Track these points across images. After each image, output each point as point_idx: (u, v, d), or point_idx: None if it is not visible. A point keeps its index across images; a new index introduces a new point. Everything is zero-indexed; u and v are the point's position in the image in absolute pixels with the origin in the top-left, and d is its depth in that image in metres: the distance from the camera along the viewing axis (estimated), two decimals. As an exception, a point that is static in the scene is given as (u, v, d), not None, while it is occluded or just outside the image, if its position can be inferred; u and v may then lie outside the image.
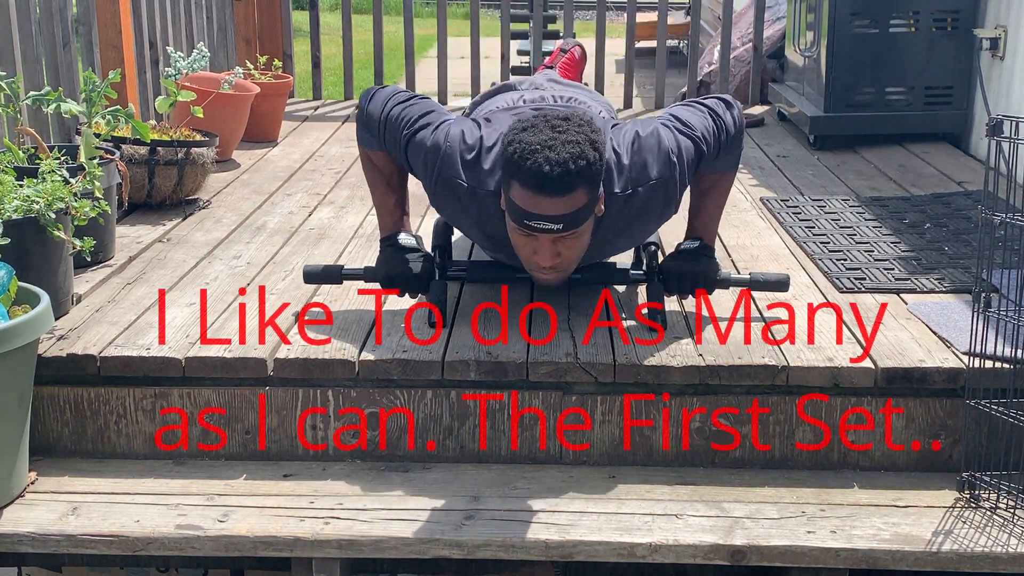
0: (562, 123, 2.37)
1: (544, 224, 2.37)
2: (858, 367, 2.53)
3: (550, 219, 2.36)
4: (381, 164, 2.78)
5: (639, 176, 2.56)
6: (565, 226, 2.37)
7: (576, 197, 2.34)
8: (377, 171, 2.81)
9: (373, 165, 2.80)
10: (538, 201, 2.34)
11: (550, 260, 2.46)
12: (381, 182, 2.81)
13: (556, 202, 2.33)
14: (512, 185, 2.37)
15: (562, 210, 2.35)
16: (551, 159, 2.30)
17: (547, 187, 2.31)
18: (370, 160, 2.80)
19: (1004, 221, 2.35)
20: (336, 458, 2.59)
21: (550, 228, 2.37)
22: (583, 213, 2.38)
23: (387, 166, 2.78)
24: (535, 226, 2.38)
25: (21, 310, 2.40)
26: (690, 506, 2.40)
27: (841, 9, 4.64)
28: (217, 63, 5.30)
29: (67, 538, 2.31)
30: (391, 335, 2.69)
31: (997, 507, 2.40)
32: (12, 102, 3.07)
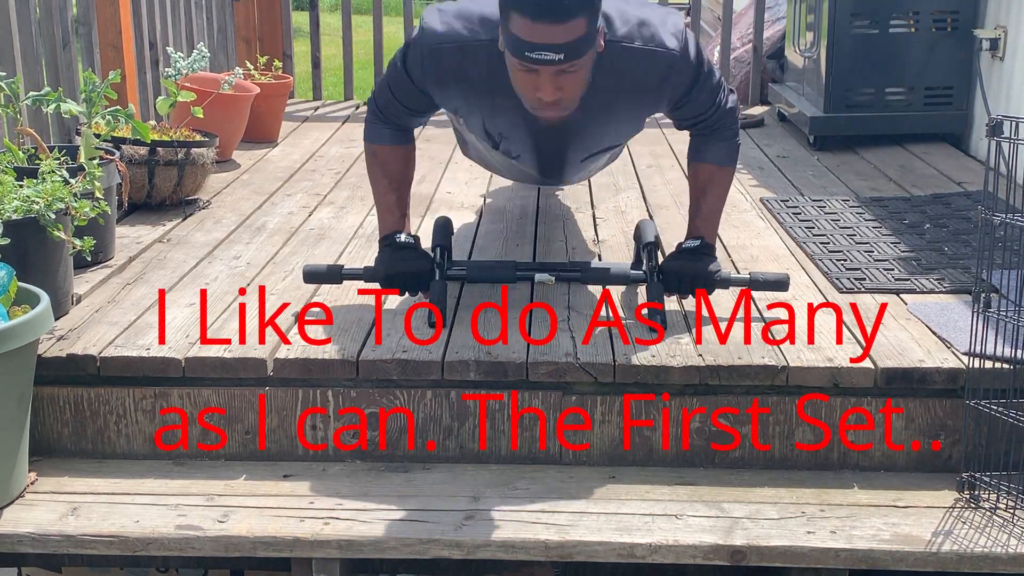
0: None
1: (546, 55, 2.34)
2: (858, 367, 2.53)
3: (551, 48, 2.33)
4: (386, 161, 2.79)
5: (645, 35, 2.54)
6: (566, 55, 2.35)
7: (576, 25, 2.32)
8: (381, 169, 2.81)
9: (378, 162, 2.81)
10: (538, 29, 2.31)
11: (552, 94, 2.43)
12: (384, 179, 2.82)
13: (556, 29, 2.31)
14: (511, 17, 2.35)
15: (563, 38, 2.32)
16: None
17: (547, 12, 2.29)
18: (376, 157, 2.81)
19: (1004, 222, 2.35)
20: (336, 458, 2.59)
21: (551, 59, 2.35)
22: (583, 43, 2.36)
23: (392, 162, 2.79)
24: (536, 57, 2.35)
25: (21, 310, 2.40)
26: (690, 506, 2.40)
27: (841, 9, 4.64)
28: (217, 63, 5.30)
29: (67, 538, 2.31)
30: (391, 335, 2.69)
31: (997, 507, 2.40)
32: (12, 102, 3.07)
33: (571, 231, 3.60)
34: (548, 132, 2.73)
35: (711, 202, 2.81)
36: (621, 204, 3.91)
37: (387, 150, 2.78)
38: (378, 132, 2.80)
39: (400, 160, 2.82)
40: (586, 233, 3.58)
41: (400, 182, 2.82)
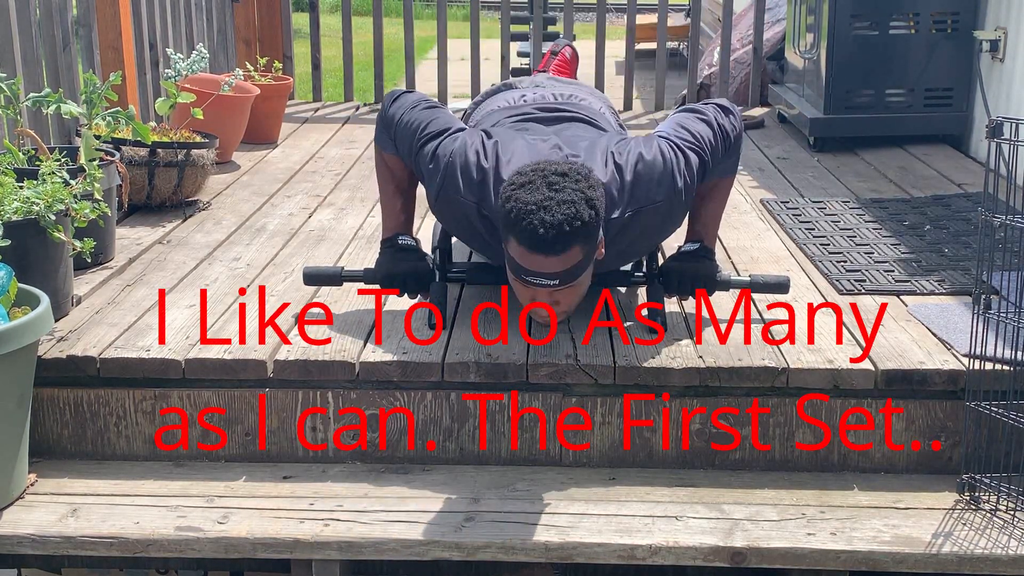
0: (559, 180, 2.36)
1: (541, 280, 2.39)
2: (858, 369, 2.53)
3: (546, 276, 2.38)
4: (394, 167, 2.79)
5: (643, 198, 2.56)
6: (562, 281, 2.40)
7: (571, 255, 2.36)
8: (389, 172, 2.81)
9: (386, 166, 2.81)
10: (534, 259, 2.36)
11: (548, 308, 2.48)
12: (391, 184, 2.82)
13: (552, 260, 2.35)
14: (509, 240, 2.39)
15: (558, 267, 2.37)
16: (546, 221, 2.30)
17: (542, 247, 2.33)
18: (384, 161, 2.81)
19: (1004, 223, 2.35)
20: (336, 459, 2.59)
21: (547, 284, 2.40)
22: (579, 267, 2.40)
23: (399, 169, 2.79)
24: (532, 281, 2.40)
25: (21, 312, 2.40)
26: (690, 508, 2.40)
27: (841, 11, 4.64)
28: (217, 65, 5.30)
29: (67, 540, 2.31)
30: (391, 336, 2.69)
31: (997, 509, 2.39)
32: (12, 104, 3.07)
33: (571, 232, 3.59)
34: None
35: (712, 208, 2.81)
36: (621, 205, 3.91)
37: (394, 158, 2.78)
38: (386, 141, 2.80)
39: (407, 168, 2.82)
40: (586, 234, 3.58)
41: (406, 187, 2.82)
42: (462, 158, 2.58)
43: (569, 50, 4.04)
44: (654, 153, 2.60)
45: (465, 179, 2.57)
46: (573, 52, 4.06)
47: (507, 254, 2.43)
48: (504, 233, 2.41)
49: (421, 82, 6.22)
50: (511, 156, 2.58)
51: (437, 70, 5.93)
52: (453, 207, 2.60)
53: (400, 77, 6.87)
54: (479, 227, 2.60)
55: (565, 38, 4.95)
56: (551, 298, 2.46)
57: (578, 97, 3.00)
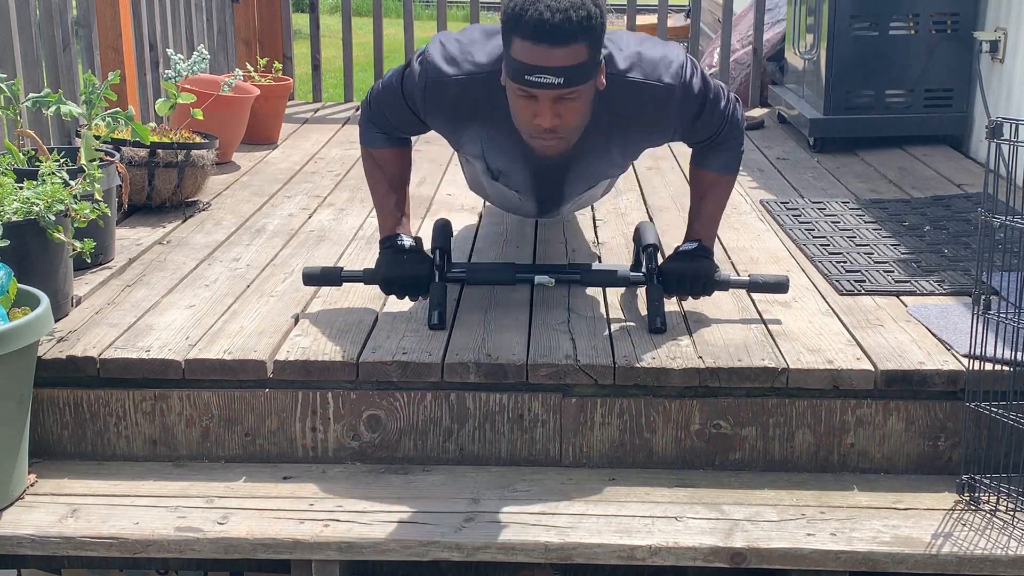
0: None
1: (546, 78, 2.35)
2: (858, 369, 2.53)
3: (552, 71, 2.34)
4: (384, 162, 2.79)
5: (645, 70, 2.55)
6: (566, 80, 2.35)
7: (577, 50, 2.33)
8: (379, 171, 2.81)
9: (376, 165, 2.81)
10: (540, 52, 2.32)
11: (551, 121, 2.43)
12: (383, 182, 2.82)
13: (557, 52, 2.32)
14: (513, 41, 2.36)
15: (563, 61, 2.33)
16: (551, 6, 2.30)
17: (548, 35, 2.30)
18: (373, 159, 2.81)
19: (1004, 224, 2.35)
20: (336, 460, 2.59)
21: (551, 82, 2.35)
22: (584, 69, 2.37)
23: (390, 165, 2.79)
24: (537, 80, 2.36)
25: (21, 312, 2.40)
26: (690, 508, 2.40)
27: (841, 12, 4.64)
28: (217, 65, 5.30)
29: (66, 540, 2.31)
30: (391, 337, 2.69)
31: (997, 509, 2.39)
32: (12, 104, 3.07)
33: (571, 233, 3.60)
34: (547, 167, 2.73)
35: (711, 207, 2.81)
36: (621, 206, 3.91)
37: (382, 153, 2.78)
38: (372, 136, 2.80)
39: (397, 161, 2.81)
40: (586, 235, 3.58)
41: (398, 183, 2.82)
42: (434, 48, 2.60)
43: None
44: (669, 47, 2.61)
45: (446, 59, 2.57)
46: None
47: (510, 63, 2.39)
48: (506, 37, 2.38)
49: (421, 83, 6.21)
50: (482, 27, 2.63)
51: (437, 71, 5.92)
52: (445, 96, 2.58)
53: (400, 78, 6.85)
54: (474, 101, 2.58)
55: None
56: (554, 109, 2.41)
57: None
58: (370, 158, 2.82)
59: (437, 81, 2.57)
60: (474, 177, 3.16)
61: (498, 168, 2.77)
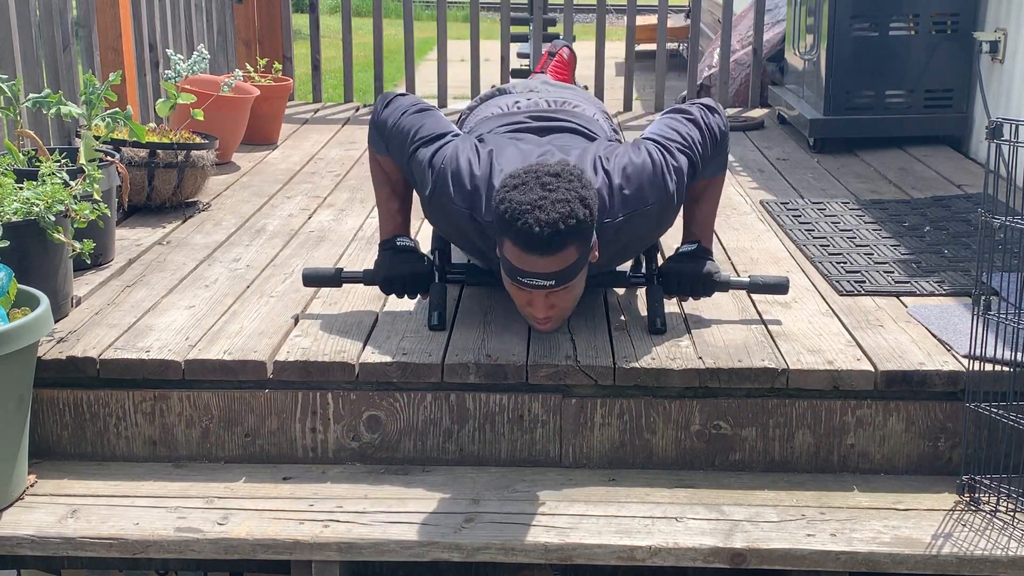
0: (552, 180, 2.36)
1: (536, 281, 2.39)
2: (858, 370, 2.53)
3: (542, 276, 2.38)
4: (388, 168, 2.79)
5: (634, 202, 2.56)
6: (557, 282, 2.40)
7: (567, 254, 2.36)
8: (384, 174, 2.81)
9: (380, 168, 2.81)
10: (529, 260, 2.36)
11: (544, 312, 2.48)
12: (386, 186, 2.82)
13: (547, 260, 2.35)
14: (504, 242, 2.39)
15: (554, 268, 2.37)
16: (541, 220, 2.30)
17: (537, 247, 2.33)
18: (378, 163, 2.81)
19: (1004, 224, 2.35)
20: (336, 461, 2.59)
21: (542, 284, 2.40)
22: (575, 267, 2.40)
23: (394, 171, 2.79)
24: (528, 283, 2.40)
25: (21, 313, 2.40)
26: (690, 509, 2.40)
27: (841, 12, 4.64)
28: (217, 66, 5.30)
29: (66, 541, 2.31)
30: (390, 338, 2.69)
31: (997, 510, 2.39)
32: (12, 104, 3.07)
33: (571, 233, 3.59)
34: None
35: (705, 207, 2.82)
36: (621, 206, 3.91)
37: (388, 160, 2.78)
38: (379, 143, 2.80)
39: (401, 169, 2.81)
40: (586, 235, 3.58)
41: (402, 189, 2.82)
42: (454, 165, 2.58)
43: (567, 51, 4.04)
44: (643, 157, 2.60)
45: (457, 186, 2.57)
46: (571, 53, 4.06)
47: (502, 257, 2.43)
48: (499, 235, 2.41)
49: (421, 83, 6.23)
50: (503, 163, 2.58)
51: (437, 71, 5.93)
52: (445, 213, 2.61)
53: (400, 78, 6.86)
54: (471, 233, 2.61)
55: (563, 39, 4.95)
56: (547, 301, 2.46)
57: (572, 104, 3.00)
58: (375, 161, 2.83)
59: (443, 198, 2.58)
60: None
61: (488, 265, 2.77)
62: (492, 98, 3.15)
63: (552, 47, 4.07)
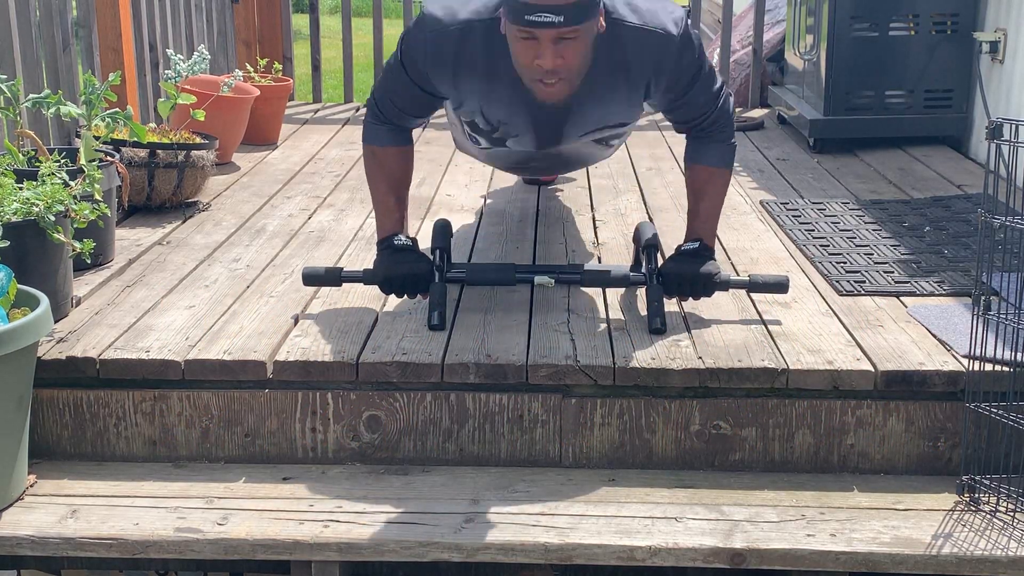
0: None
1: (546, 16, 2.37)
2: (858, 370, 2.53)
3: (551, 10, 2.37)
4: (385, 161, 2.79)
5: (645, 17, 2.58)
6: (566, 18, 2.38)
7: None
8: (380, 170, 2.81)
9: (378, 164, 2.81)
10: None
11: (552, 61, 2.44)
12: (383, 182, 2.82)
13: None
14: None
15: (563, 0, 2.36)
16: None
17: None
18: (375, 158, 2.81)
19: (1004, 224, 2.35)
20: (335, 461, 2.59)
21: (551, 21, 2.37)
22: (583, 8, 2.39)
23: (391, 163, 2.79)
24: (537, 20, 2.38)
25: (20, 313, 2.40)
26: (689, 509, 2.40)
27: (841, 12, 4.64)
28: (217, 66, 5.30)
29: (66, 541, 2.31)
30: (390, 338, 2.69)
31: (997, 510, 2.39)
32: (12, 105, 3.07)
33: (571, 233, 3.60)
34: (547, 111, 2.73)
35: (708, 204, 2.81)
36: (621, 206, 3.91)
37: (386, 151, 2.78)
38: (376, 133, 2.80)
39: (399, 161, 2.82)
40: (586, 235, 3.58)
41: (399, 184, 2.82)
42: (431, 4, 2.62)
43: None
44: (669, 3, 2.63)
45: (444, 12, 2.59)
46: None
47: (509, 4, 2.42)
48: None
49: (421, 83, 6.22)
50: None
51: (437, 71, 5.92)
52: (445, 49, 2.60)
53: (400, 78, 6.85)
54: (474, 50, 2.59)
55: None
56: (555, 50, 2.43)
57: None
58: (372, 157, 2.83)
59: (437, 32, 2.60)
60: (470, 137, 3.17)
61: (498, 120, 2.78)
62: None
63: None
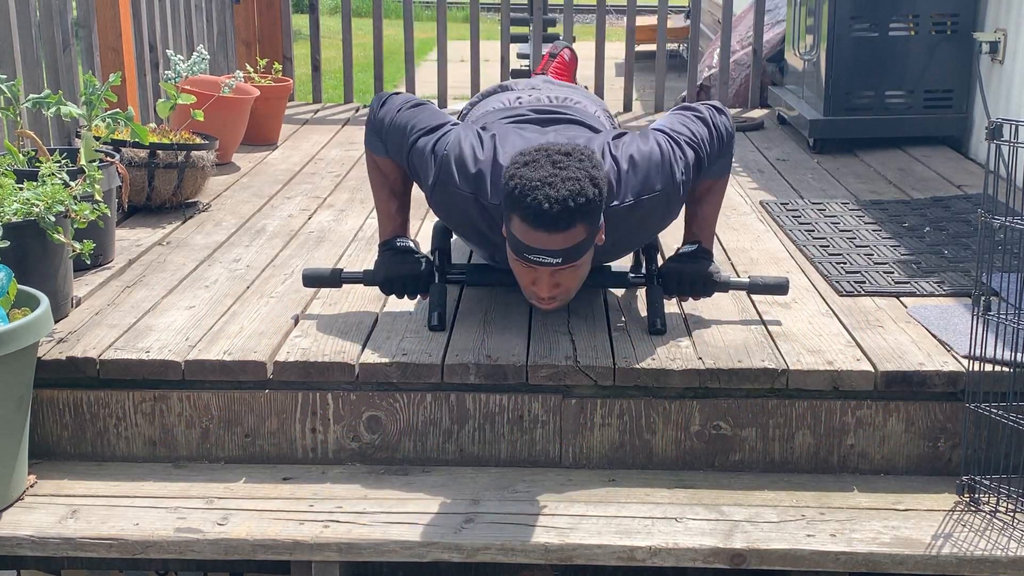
0: (563, 158, 2.37)
1: (543, 258, 2.39)
2: (858, 370, 2.53)
3: (549, 253, 2.38)
4: (386, 170, 2.79)
5: (642, 188, 2.57)
6: (564, 260, 2.39)
7: (575, 232, 2.36)
8: (382, 176, 2.81)
9: (378, 170, 2.81)
10: (537, 236, 2.36)
11: (548, 291, 2.48)
12: (385, 187, 2.82)
13: (555, 237, 2.35)
14: (512, 219, 2.39)
15: (561, 244, 2.37)
16: (551, 196, 2.31)
17: (546, 224, 2.33)
18: (376, 165, 2.81)
19: (1004, 225, 2.35)
20: (336, 461, 2.59)
21: (549, 262, 2.39)
22: (582, 246, 2.40)
23: (392, 172, 2.79)
24: (534, 259, 2.40)
25: (21, 313, 2.40)
26: (689, 509, 2.40)
27: (840, 12, 4.64)
28: (217, 66, 5.30)
29: (66, 541, 2.31)
30: (390, 338, 2.69)
31: (997, 510, 2.39)
32: (12, 105, 3.07)
33: (571, 234, 3.59)
34: None
35: (708, 209, 2.82)
36: (621, 207, 3.91)
37: (386, 160, 2.79)
38: (376, 144, 2.80)
39: (400, 170, 2.82)
40: (586, 236, 3.58)
41: (400, 188, 2.82)
42: (457, 150, 2.58)
43: (568, 52, 4.04)
44: (651, 145, 2.60)
45: (461, 171, 2.56)
46: (572, 54, 4.06)
47: (509, 235, 2.43)
48: (507, 212, 2.41)
49: (421, 84, 6.23)
50: (507, 148, 2.58)
51: (437, 71, 5.93)
52: (450, 200, 2.60)
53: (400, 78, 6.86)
54: (477, 219, 2.60)
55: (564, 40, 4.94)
56: (552, 280, 2.45)
57: (573, 100, 3.01)
58: (373, 163, 2.83)
59: (447, 184, 2.58)
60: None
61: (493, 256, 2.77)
62: (493, 94, 3.15)
63: (553, 48, 4.07)
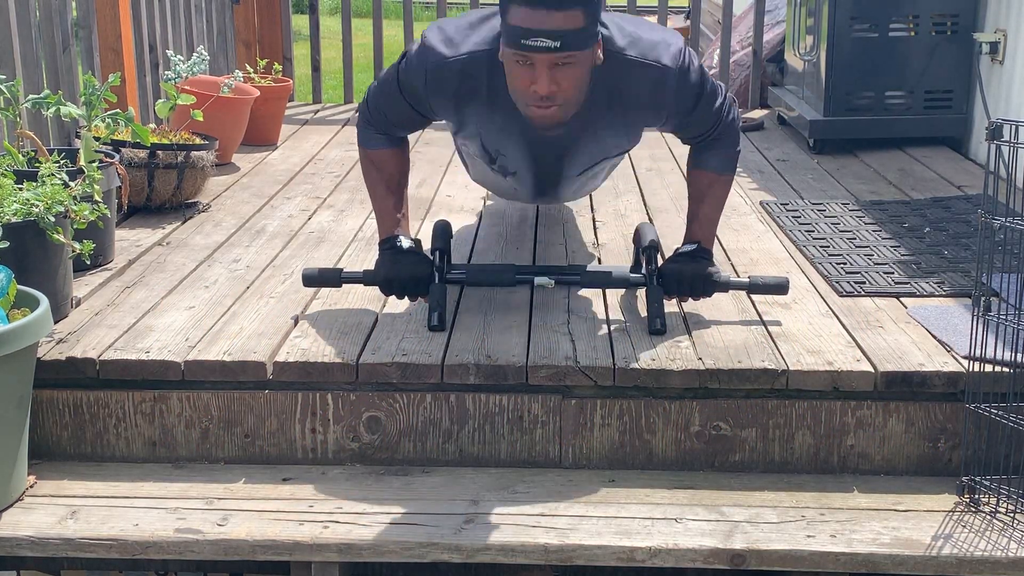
0: None
1: (543, 41, 2.36)
2: (858, 371, 2.53)
3: (548, 35, 2.36)
4: (382, 163, 2.79)
5: (643, 49, 2.57)
6: (563, 44, 2.37)
7: (574, 15, 2.35)
8: (377, 172, 2.81)
9: (373, 166, 2.81)
10: (537, 16, 2.35)
11: (547, 87, 2.43)
12: (381, 184, 2.82)
13: (554, 16, 2.34)
14: (510, 8, 2.39)
15: (560, 25, 2.35)
16: None
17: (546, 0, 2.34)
18: (371, 162, 2.81)
19: (1004, 225, 2.35)
20: (335, 462, 2.59)
21: (548, 46, 2.37)
22: (581, 35, 2.38)
23: (388, 165, 2.79)
24: (533, 44, 2.37)
25: (20, 313, 2.40)
26: (689, 510, 2.40)
27: (840, 13, 4.64)
28: (217, 67, 5.30)
29: (66, 542, 2.31)
30: (390, 338, 2.69)
31: (997, 511, 2.39)
32: (12, 105, 3.07)
33: (571, 234, 3.60)
34: (545, 146, 2.73)
35: (709, 208, 2.82)
36: (621, 207, 3.91)
37: (380, 153, 2.79)
38: (370, 137, 2.81)
39: (395, 162, 2.82)
40: (586, 236, 3.58)
41: (397, 184, 2.82)
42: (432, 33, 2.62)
43: None
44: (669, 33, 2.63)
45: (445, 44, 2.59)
46: None
47: (507, 30, 2.42)
48: (504, 3, 2.41)
49: (421, 84, 6.22)
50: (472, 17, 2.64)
51: (437, 72, 5.92)
52: (448, 78, 2.60)
53: (400, 79, 6.86)
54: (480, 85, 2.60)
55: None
56: (551, 75, 2.42)
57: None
58: (368, 160, 2.83)
59: (439, 64, 2.59)
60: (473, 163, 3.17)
61: (496, 149, 2.77)
62: None
63: None
